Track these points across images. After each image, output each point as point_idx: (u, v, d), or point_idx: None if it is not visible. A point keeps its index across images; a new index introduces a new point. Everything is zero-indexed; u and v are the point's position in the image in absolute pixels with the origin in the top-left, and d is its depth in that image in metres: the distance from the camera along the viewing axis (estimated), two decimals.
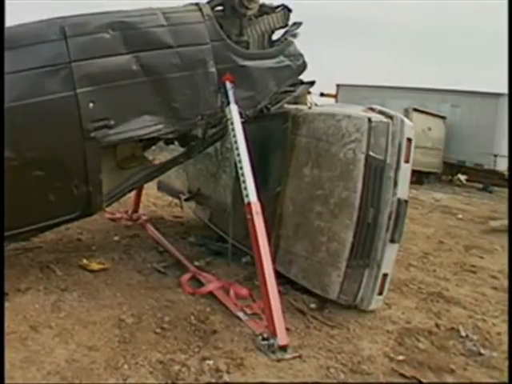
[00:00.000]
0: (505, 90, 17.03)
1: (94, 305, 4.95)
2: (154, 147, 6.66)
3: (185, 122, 5.25)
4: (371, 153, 4.84)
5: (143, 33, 4.93)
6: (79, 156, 4.85)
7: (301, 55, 5.88)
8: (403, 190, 4.96)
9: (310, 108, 5.68)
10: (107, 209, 8.45)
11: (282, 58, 5.72)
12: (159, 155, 6.98)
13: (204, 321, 4.71)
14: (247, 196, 4.62)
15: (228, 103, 5.13)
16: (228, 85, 5.22)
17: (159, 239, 7.13)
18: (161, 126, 5.10)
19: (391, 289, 6.03)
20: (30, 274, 5.45)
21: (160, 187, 8.37)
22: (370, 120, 4.85)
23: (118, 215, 8.43)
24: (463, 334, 4.84)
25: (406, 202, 4.96)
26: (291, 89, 6.09)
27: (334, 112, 5.21)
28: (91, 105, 4.72)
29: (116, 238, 7.24)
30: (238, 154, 4.79)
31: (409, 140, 4.94)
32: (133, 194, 8.06)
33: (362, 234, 4.91)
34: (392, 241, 4.97)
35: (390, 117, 4.92)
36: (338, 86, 21.66)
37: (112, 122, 4.83)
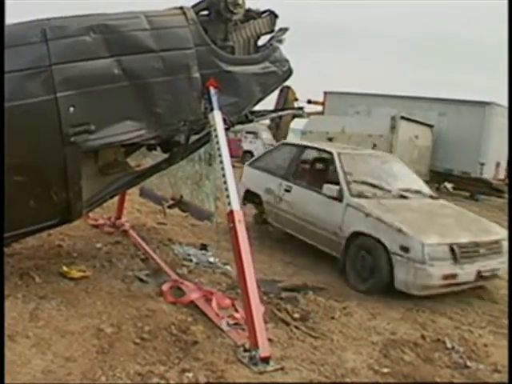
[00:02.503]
0: (495, 98, 17.19)
1: (73, 313, 4.84)
2: (137, 153, 6.57)
3: (167, 128, 5.15)
4: None
5: (125, 36, 4.83)
6: (59, 161, 4.73)
7: (286, 61, 5.79)
8: None
9: None
10: (90, 215, 8.40)
11: (267, 63, 5.63)
12: (142, 161, 6.89)
13: (185, 331, 4.60)
14: (229, 204, 4.52)
15: (211, 109, 5.04)
16: (212, 90, 5.13)
17: (142, 246, 7.01)
18: (142, 132, 5.00)
19: (376, 298, 5.99)
20: (9, 281, 5.29)
21: (142, 194, 8.24)
22: None
23: (101, 221, 8.29)
24: (449, 345, 4.77)
25: None
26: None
27: None
28: (71, 109, 4.60)
29: (98, 245, 7.10)
30: (221, 161, 4.70)
31: None
32: (116, 199, 7.96)
33: None
34: None
35: None
36: (326, 93, 21.66)
37: (93, 127, 4.71)
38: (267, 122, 27.79)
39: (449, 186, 17.91)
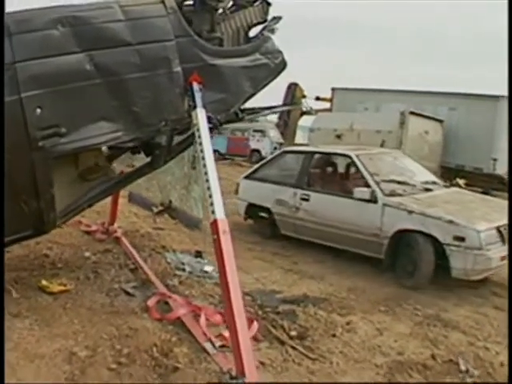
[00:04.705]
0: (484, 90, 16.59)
1: (46, 334, 4.42)
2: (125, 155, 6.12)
3: (147, 129, 4.67)
4: None
5: (98, 29, 4.35)
6: (27, 168, 4.28)
7: (279, 52, 5.28)
8: None
9: None
10: (83, 221, 8.00)
11: (257, 55, 5.12)
12: (134, 162, 6.46)
13: (167, 354, 4.15)
14: (213, 212, 4.03)
15: (194, 107, 4.55)
16: (195, 86, 4.63)
17: (132, 255, 6.55)
18: (119, 134, 4.52)
19: (382, 310, 5.51)
20: None
21: (131, 199, 7.78)
22: None
23: (94, 228, 7.87)
24: (463, 367, 4.21)
25: None
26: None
27: None
28: (38, 110, 4.14)
29: (86, 254, 6.67)
30: (204, 165, 4.20)
31: None
32: (109, 204, 7.54)
33: None
34: None
35: None
36: (334, 89, 21.12)
37: (63, 130, 4.25)
38: (275, 119, 27.42)
39: (461, 182, 17.33)
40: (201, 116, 4.45)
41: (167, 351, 4.19)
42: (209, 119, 4.57)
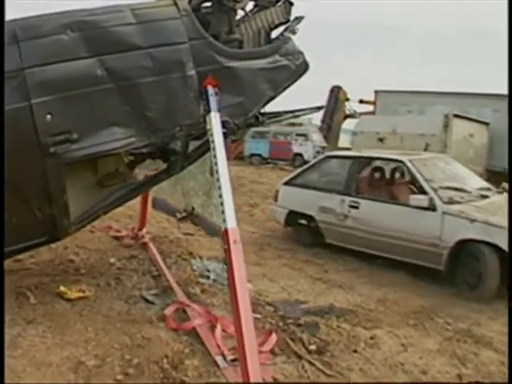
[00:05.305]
0: None
1: (57, 341, 4.35)
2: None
3: (161, 134, 4.55)
4: None
5: (108, 33, 4.27)
6: (39, 175, 4.23)
7: (300, 53, 5.06)
8: None
9: None
10: (114, 225, 7.98)
11: (277, 57, 4.92)
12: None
13: (177, 366, 4.00)
14: (224, 221, 3.85)
15: (209, 111, 4.40)
16: (210, 90, 4.48)
17: (156, 261, 6.45)
18: (133, 139, 4.42)
19: (411, 324, 5.22)
20: None
21: (155, 205, 7.69)
22: None
23: (124, 233, 7.83)
24: None
25: None
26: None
27: None
28: (49, 117, 4.09)
29: (112, 260, 6.62)
30: (217, 171, 4.04)
31: None
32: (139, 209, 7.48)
33: None
34: None
35: None
36: (377, 92, 20.75)
37: (75, 136, 4.19)
38: (318, 123, 27.12)
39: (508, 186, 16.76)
40: (215, 121, 4.29)
41: (178, 363, 4.05)
42: (224, 124, 4.41)
